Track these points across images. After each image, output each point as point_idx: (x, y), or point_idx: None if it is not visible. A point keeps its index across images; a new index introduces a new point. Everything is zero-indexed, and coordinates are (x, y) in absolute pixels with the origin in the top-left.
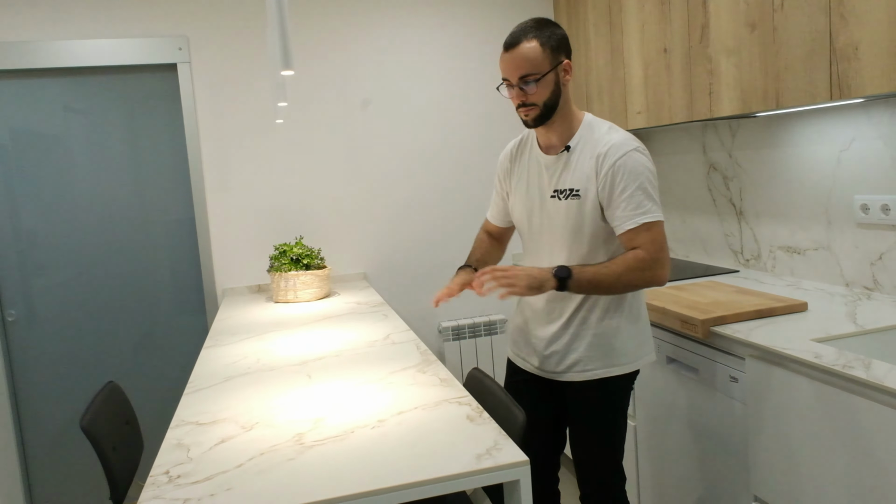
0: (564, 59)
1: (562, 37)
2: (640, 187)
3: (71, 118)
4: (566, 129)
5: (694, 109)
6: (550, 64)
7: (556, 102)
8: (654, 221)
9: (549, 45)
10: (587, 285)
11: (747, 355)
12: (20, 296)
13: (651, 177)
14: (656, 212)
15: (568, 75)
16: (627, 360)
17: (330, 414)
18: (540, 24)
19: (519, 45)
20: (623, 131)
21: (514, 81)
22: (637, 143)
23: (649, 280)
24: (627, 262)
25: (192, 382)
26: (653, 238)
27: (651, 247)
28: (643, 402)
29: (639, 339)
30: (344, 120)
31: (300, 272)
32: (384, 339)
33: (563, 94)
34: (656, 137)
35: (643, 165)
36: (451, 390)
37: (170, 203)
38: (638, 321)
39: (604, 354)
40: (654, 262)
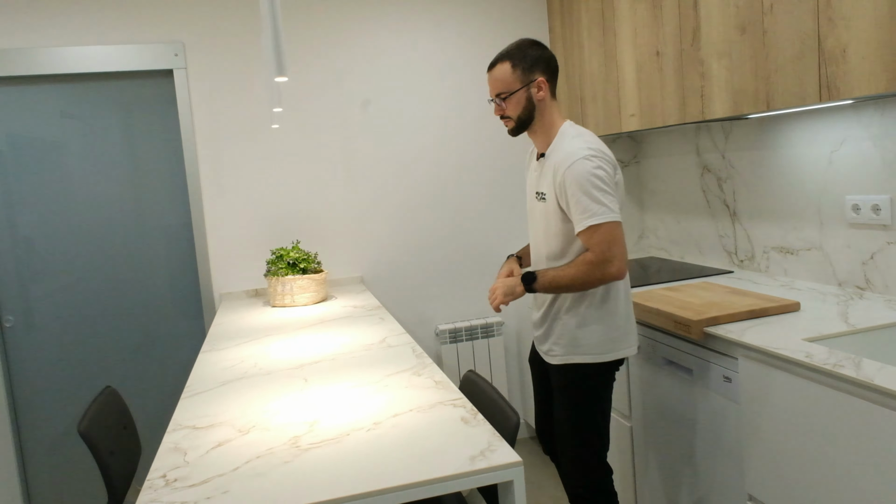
0: (538, 77)
1: (537, 57)
2: (585, 192)
3: (68, 124)
4: (546, 137)
5: (686, 111)
6: (521, 83)
7: (531, 116)
8: (599, 223)
9: (522, 65)
10: (549, 286)
11: (740, 355)
12: (18, 301)
13: (596, 180)
14: (602, 214)
15: (542, 92)
16: (591, 351)
17: (326, 417)
18: (520, 46)
19: (495, 67)
20: (585, 138)
21: (493, 98)
22: (589, 150)
23: (600, 278)
24: (578, 264)
25: (189, 387)
26: (599, 239)
27: (598, 248)
28: (638, 402)
29: (609, 334)
30: (340, 124)
31: (297, 276)
32: (380, 343)
33: (539, 108)
34: (650, 140)
35: (588, 171)
36: (445, 392)
37: (167, 208)
38: (608, 317)
39: (568, 343)
40: (602, 262)
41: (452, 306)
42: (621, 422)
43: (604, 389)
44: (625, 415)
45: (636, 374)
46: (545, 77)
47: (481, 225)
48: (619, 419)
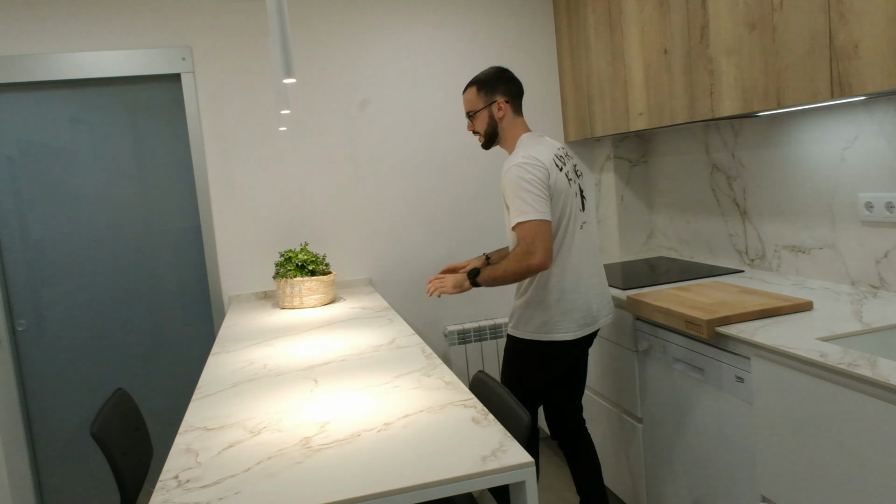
0: (499, 98)
1: (499, 82)
2: (515, 195)
3: (77, 129)
4: (510, 149)
5: (695, 110)
6: (484, 103)
7: (494, 132)
8: (524, 221)
9: (485, 88)
10: (489, 280)
11: (753, 355)
12: (30, 305)
13: (524, 183)
14: (527, 213)
15: (501, 111)
16: (525, 329)
17: (336, 418)
18: (486, 73)
19: (465, 91)
20: (526, 148)
21: (466, 116)
22: (522, 158)
23: (526, 268)
24: (510, 258)
25: (199, 388)
26: (524, 234)
27: (523, 242)
28: (649, 402)
29: (542, 318)
30: (347, 126)
31: (305, 278)
32: (389, 344)
33: (501, 124)
34: (659, 139)
35: (517, 177)
36: (456, 393)
37: (176, 212)
38: (544, 305)
39: (512, 317)
40: (526, 254)
41: (460, 307)
42: (631, 422)
43: (533, 366)
44: (635, 415)
45: (646, 374)
46: (505, 98)
47: (490, 226)
48: (630, 420)
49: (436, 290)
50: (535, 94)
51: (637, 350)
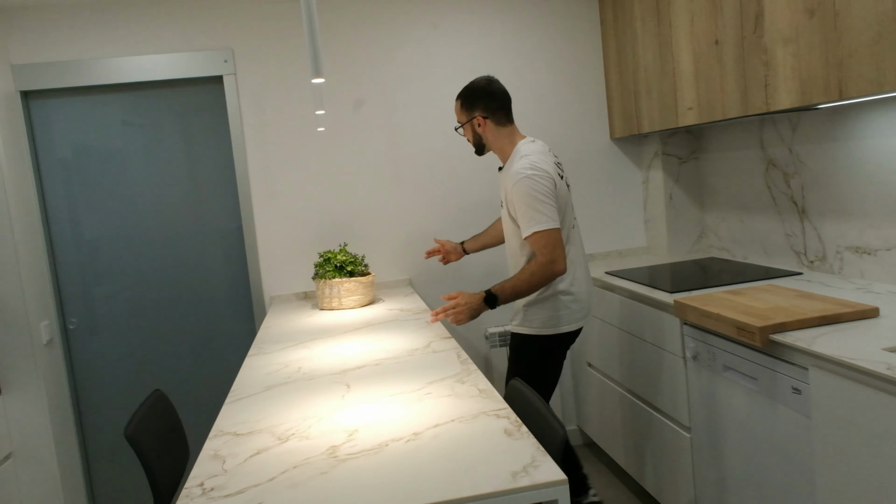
0: (477, 115)
1: (479, 97)
2: (528, 205)
3: (125, 132)
4: (501, 155)
5: (749, 103)
6: (466, 117)
7: (481, 142)
8: (541, 231)
9: (466, 104)
10: (510, 296)
11: (811, 365)
12: (81, 304)
13: (536, 194)
14: (543, 222)
15: (481, 126)
16: (532, 325)
17: (365, 426)
18: (469, 87)
19: (455, 102)
20: (530, 158)
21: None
22: (527, 170)
23: (551, 276)
24: (532, 268)
25: (233, 392)
26: (543, 244)
27: (544, 251)
28: (698, 412)
29: (548, 313)
30: (387, 126)
31: (344, 279)
32: (425, 348)
33: (485, 136)
34: (710, 134)
35: (528, 188)
36: (489, 402)
37: (219, 212)
38: (551, 300)
39: (516, 315)
40: (549, 262)
41: (502, 309)
42: (680, 432)
43: (537, 358)
44: (684, 425)
45: (694, 382)
46: (484, 114)
47: None
48: (678, 429)
49: (452, 319)
50: (579, 89)
51: (685, 356)
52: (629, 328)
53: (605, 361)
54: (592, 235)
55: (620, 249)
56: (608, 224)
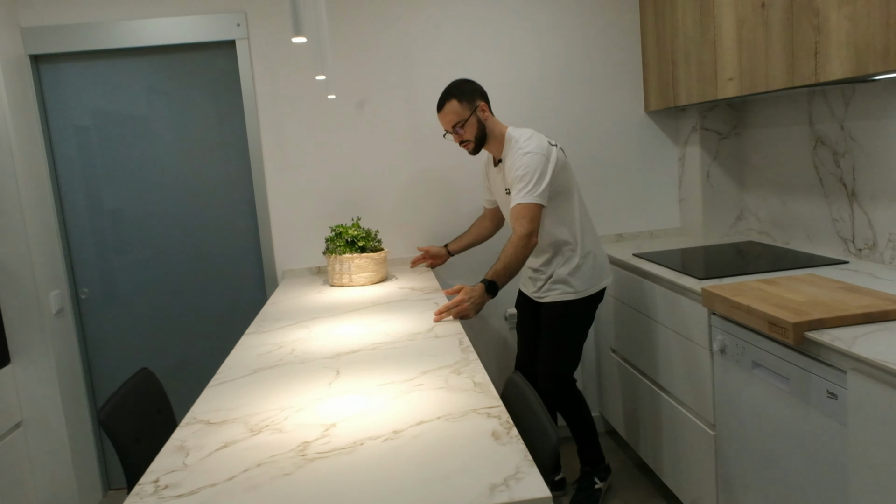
0: (479, 102)
1: (472, 89)
2: (523, 178)
3: (137, 98)
4: (498, 147)
5: (796, 73)
6: (469, 110)
7: (483, 134)
8: (529, 203)
9: (464, 98)
10: (504, 277)
11: (849, 368)
12: (93, 274)
13: (534, 170)
14: (533, 196)
15: (486, 113)
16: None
17: (345, 419)
18: (455, 85)
19: (444, 106)
20: (527, 139)
21: (451, 130)
22: (526, 149)
23: (529, 249)
24: (514, 244)
25: (219, 374)
26: (526, 216)
27: (523, 222)
28: (724, 409)
29: (587, 274)
30: (406, 98)
31: (355, 255)
32: (427, 332)
33: (487, 125)
34: (753, 108)
35: (527, 164)
36: (483, 398)
37: (231, 183)
38: (585, 263)
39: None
40: (527, 235)
41: None
42: (704, 429)
43: (586, 319)
44: (709, 422)
45: (721, 377)
46: (483, 102)
47: None
48: (702, 426)
49: (457, 316)
50: (613, 57)
51: (712, 349)
52: (654, 315)
53: (629, 348)
54: (622, 214)
55: (652, 230)
56: (640, 203)
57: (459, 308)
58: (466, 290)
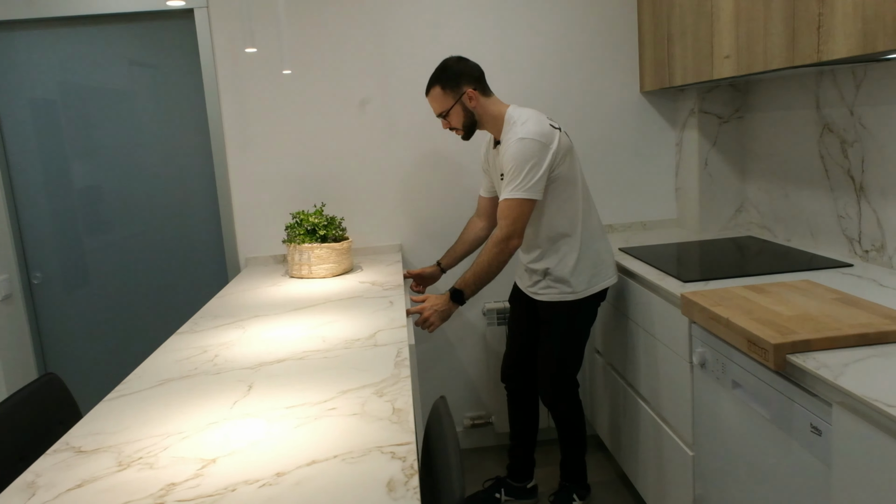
0: (466, 89)
1: (460, 72)
2: (514, 168)
3: (89, 71)
4: (497, 128)
5: (796, 51)
6: (454, 99)
7: (472, 121)
8: (515, 199)
9: (449, 85)
10: (473, 286)
11: (835, 402)
12: (47, 258)
13: (526, 160)
14: (522, 190)
15: (474, 101)
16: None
17: (229, 454)
18: (442, 68)
19: (428, 93)
20: (524, 122)
21: (437, 116)
22: (522, 134)
23: (507, 254)
24: (489, 250)
25: (123, 384)
26: (509, 215)
27: (505, 223)
28: (703, 427)
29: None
30: (381, 76)
31: (315, 245)
32: (368, 339)
33: (478, 111)
34: (758, 89)
35: (518, 153)
36: (395, 431)
37: (191, 163)
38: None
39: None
40: (506, 238)
41: (503, 282)
42: (683, 448)
43: (587, 320)
44: (687, 441)
45: (701, 394)
46: (472, 87)
47: None
48: (681, 444)
49: (428, 328)
50: (608, 33)
51: (692, 361)
52: (636, 318)
53: (612, 352)
54: (614, 203)
55: (646, 221)
56: (633, 191)
57: (425, 324)
58: (431, 299)
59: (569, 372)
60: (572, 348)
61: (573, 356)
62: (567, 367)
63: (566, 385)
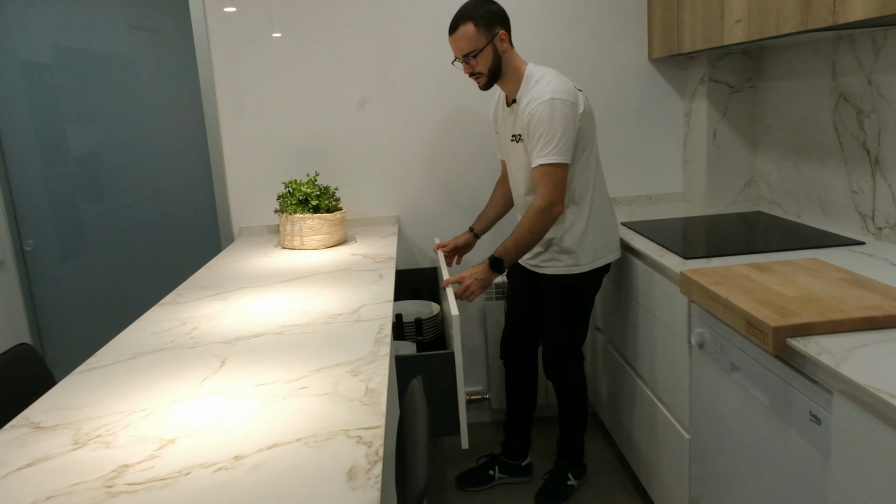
0: (499, 30)
1: (495, 12)
2: (546, 132)
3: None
4: (514, 84)
5: (810, 14)
6: (486, 38)
7: (499, 67)
8: (551, 164)
9: (483, 23)
10: (515, 254)
11: (836, 390)
12: (41, 225)
13: (558, 121)
14: (556, 154)
15: (504, 44)
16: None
17: (190, 434)
18: (474, 6)
19: (458, 29)
20: (549, 82)
21: (461, 58)
22: (552, 93)
23: (549, 221)
24: (531, 216)
25: (96, 356)
26: (548, 182)
27: (545, 190)
28: (700, 411)
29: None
30: (379, 38)
31: (306, 215)
32: (351, 314)
33: (504, 58)
34: (773, 56)
35: (550, 114)
36: (365, 413)
37: (183, 129)
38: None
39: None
40: (549, 206)
41: None
42: (679, 431)
43: (591, 294)
44: (684, 424)
45: (699, 377)
46: (504, 29)
47: None
48: (678, 427)
49: (468, 297)
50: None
51: (690, 342)
52: (636, 295)
53: (612, 330)
54: (619, 176)
55: (651, 195)
56: (639, 163)
57: (466, 294)
58: (470, 271)
59: (573, 344)
60: (576, 322)
61: (578, 330)
62: (572, 341)
63: (571, 358)
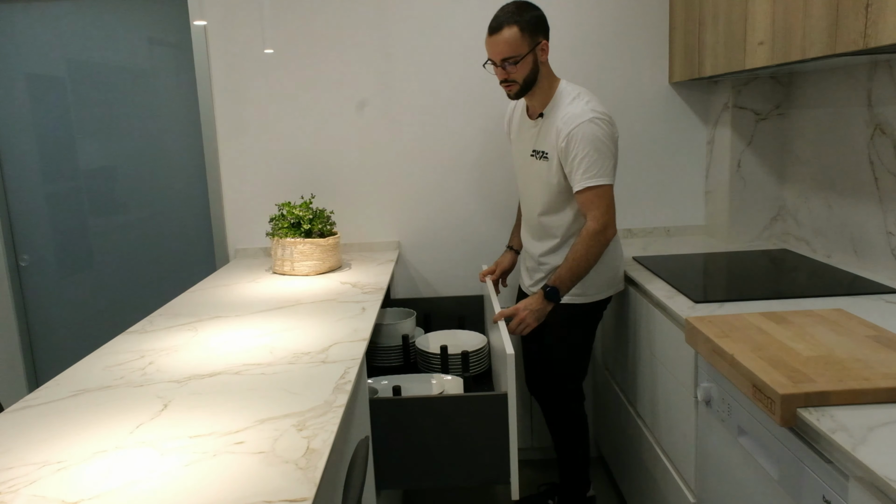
0: (542, 39)
1: (539, 19)
2: (590, 154)
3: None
4: (544, 97)
5: (839, 36)
6: (529, 46)
7: (535, 78)
8: (598, 186)
9: (528, 29)
10: (570, 282)
11: (853, 476)
12: (35, 241)
13: (600, 145)
14: (602, 176)
15: (545, 54)
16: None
17: (92, 498)
18: (520, 9)
19: (501, 31)
20: (588, 101)
21: (498, 62)
22: (594, 113)
23: (604, 245)
24: (586, 242)
25: (37, 392)
26: (598, 205)
27: (596, 213)
28: (707, 473)
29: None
30: (381, 61)
31: (298, 240)
32: (319, 353)
33: (542, 69)
34: (803, 82)
35: (593, 134)
36: (296, 481)
37: (180, 147)
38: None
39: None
40: (602, 229)
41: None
42: (684, 492)
43: (593, 325)
44: (689, 485)
45: (705, 435)
46: (546, 38)
47: None
48: (683, 488)
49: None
50: (637, 19)
51: (696, 396)
52: (644, 338)
53: (619, 370)
54: (636, 205)
55: (670, 227)
56: (658, 193)
57: (518, 319)
58: (524, 303)
59: (573, 383)
60: (576, 356)
61: (577, 365)
62: (573, 373)
63: (569, 397)
